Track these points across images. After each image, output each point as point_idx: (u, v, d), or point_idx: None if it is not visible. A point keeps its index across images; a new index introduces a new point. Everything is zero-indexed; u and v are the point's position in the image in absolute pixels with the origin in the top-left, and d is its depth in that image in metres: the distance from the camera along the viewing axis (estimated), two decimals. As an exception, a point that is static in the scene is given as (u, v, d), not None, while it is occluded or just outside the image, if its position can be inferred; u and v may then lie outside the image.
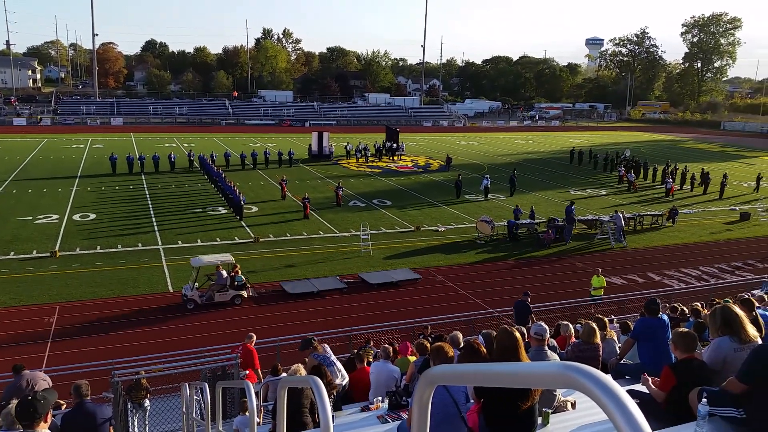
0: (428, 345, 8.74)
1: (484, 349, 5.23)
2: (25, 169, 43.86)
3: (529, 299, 17.24)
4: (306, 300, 20.70)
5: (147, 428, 10.27)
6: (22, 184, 38.47)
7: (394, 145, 56.69)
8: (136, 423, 10.10)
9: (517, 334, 4.56)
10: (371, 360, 10.02)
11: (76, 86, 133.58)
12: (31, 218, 29.83)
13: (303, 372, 8.13)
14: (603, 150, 59.78)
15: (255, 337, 12.65)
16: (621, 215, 29.60)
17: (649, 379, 5.18)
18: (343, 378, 8.80)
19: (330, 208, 34.01)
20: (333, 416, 3.99)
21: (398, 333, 16.71)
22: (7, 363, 14.78)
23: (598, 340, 8.02)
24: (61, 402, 9.22)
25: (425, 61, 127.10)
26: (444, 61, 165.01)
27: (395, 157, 55.49)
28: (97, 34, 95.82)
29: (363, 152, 53.84)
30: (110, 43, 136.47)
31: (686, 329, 5.58)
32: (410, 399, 7.00)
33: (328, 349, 8.99)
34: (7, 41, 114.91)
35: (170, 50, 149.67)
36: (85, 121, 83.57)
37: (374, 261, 25.11)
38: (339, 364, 8.90)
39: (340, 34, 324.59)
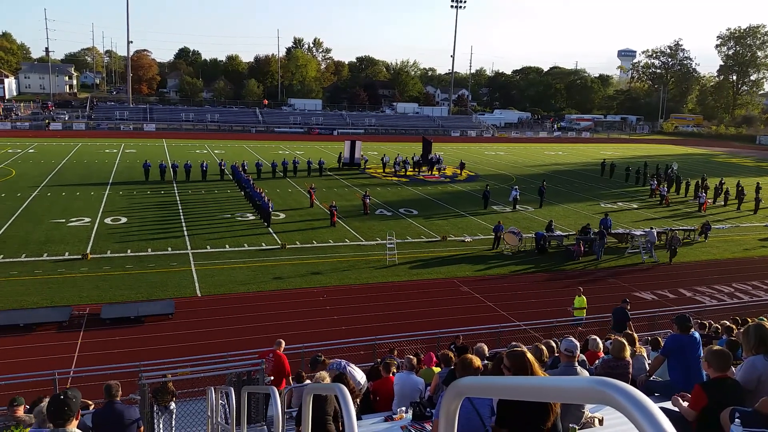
0: (453, 356, 8.69)
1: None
2: (59, 173, 44.85)
3: (628, 306, 17.38)
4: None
5: (173, 431, 10.36)
6: (57, 186, 39.35)
7: (435, 158, 55.23)
8: (161, 426, 10.19)
9: (529, 355, 4.34)
10: (395, 371, 9.98)
11: (110, 92, 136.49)
12: (64, 221, 30.46)
13: (328, 380, 8.13)
14: (635, 163, 58.98)
15: (284, 343, 12.60)
16: (654, 232, 29.15)
17: (680, 398, 5.07)
18: (362, 377, 8.88)
19: (357, 216, 34.10)
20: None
21: (423, 343, 16.63)
22: (36, 363, 15.10)
23: (628, 356, 7.88)
24: (89, 402, 9.36)
25: (454, 70, 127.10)
26: (473, 71, 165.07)
27: (434, 171, 53.32)
28: (131, 42, 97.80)
29: (402, 165, 52.37)
30: (144, 50, 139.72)
31: (720, 347, 5.45)
32: (434, 410, 6.96)
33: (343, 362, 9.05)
34: (47, 48, 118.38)
35: (203, 58, 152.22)
36: (118, 126, 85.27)
37: (400, 270, 25.09)
38: (353, 366, 8.94)
39: (370, 43, 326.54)
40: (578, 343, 6.55)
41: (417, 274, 24.76)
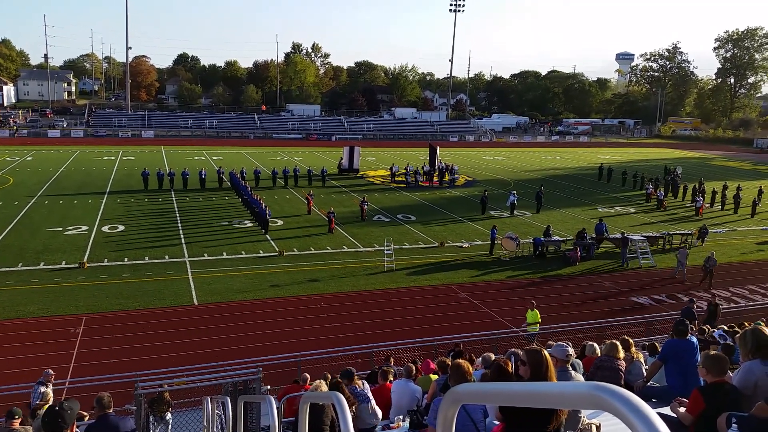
0: (450, 363, 8.64)
1: (512, 369, 5.14)
2: (57, 181, 44.76)
3: (695, 306, 18.18)
4: None
5: (169, 441, 10.30)
6: (54, 195, 39.25)
7: (443, 166, 54.18)
8: (158, 435, 10.13)
9: (545, 353, 4.41)
10: (392, 378, 9.92)
11: (109, 99, 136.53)
12: (61, 229, 30.37)
13: (324, 388, 8.09)
14: (632, 167, 59.02)
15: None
16: (686, 250, 27.56)
17: (678, 404, 5.05)
18: (377, 418, 8.39)
19: (354, 223, 34.07)
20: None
21: (421, 350, 16.57)
22: (32, 373, 15.00)
23: (621, 356, 7.86)
24: (84, 413, 9.28)
25: (452, 75, 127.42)
26: (471, 75, 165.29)
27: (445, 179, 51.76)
28: (130, 48, 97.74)
29: (413, 175, 50.32)
30: (143, 56, 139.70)
31: (717, 352, 5.44)
32: (428, 418, 6.91)
33: (367, 386, 8.72)
34: (45, 55, 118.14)
35: (201, 64, 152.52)
36: (116, 133, 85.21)
37: (398, 277, 25.04)
38: (374, 403, 8.39)
39: (369, 48, 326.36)
40: (570, 347, 6.49)
41: (415, 281, 24.72)
